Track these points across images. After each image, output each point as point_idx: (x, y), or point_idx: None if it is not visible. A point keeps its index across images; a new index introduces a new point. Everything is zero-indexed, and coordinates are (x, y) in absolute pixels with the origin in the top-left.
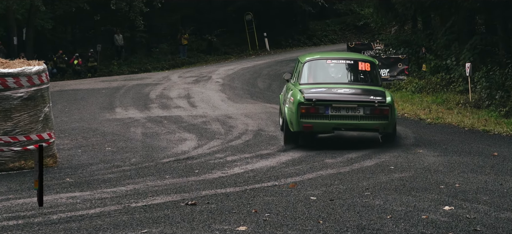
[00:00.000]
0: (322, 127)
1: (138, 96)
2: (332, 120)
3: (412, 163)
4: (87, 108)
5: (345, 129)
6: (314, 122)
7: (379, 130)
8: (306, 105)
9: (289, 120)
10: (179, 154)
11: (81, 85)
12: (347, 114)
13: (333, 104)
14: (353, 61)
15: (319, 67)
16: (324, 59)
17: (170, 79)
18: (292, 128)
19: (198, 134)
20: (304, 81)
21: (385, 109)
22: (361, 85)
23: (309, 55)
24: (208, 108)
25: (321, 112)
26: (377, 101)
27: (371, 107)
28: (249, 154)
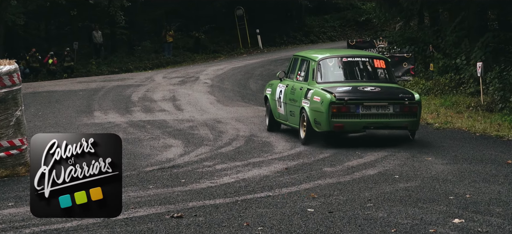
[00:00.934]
0: (353, 126)
1: (119, 99)
2: (363, 118)
3: (418, 172)
4: (62, 112)
5: (375, 127)
6: (345, 121)
7: (408, 127)
8: (337, 105)
9: (313, 120)
10: (163, 161)
11: (56, 86)
12: (377, 112)
13: (364, 103)
14: (368, 58)
15: (335, 66)
16: (339, 57)
17: (154, 80)
18: (318, 128)
19: (185, 140)
20: (322, 80)
21: (414, 107)
22: (381, 83)
23: (316, 53)
24: (196, 112)
25: (352, 112)
26: (407, 99)
27: (400, 105)
28: (240, 161)
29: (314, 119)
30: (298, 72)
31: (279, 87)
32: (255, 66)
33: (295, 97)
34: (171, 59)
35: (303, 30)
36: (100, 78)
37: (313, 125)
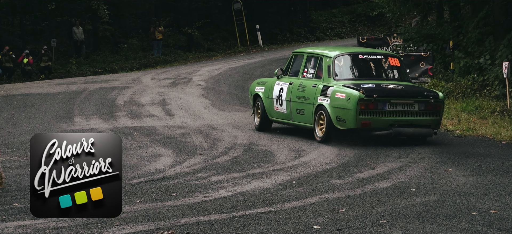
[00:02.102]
0: (380, 124)
1: (102, 103)
2: (389, 116)
3: (437, 184)
4: (39, 118)
5: (399, 125)
6: (372, 119)
7: (431, 126)
8: (366, 101)
9: (335, 117)
10: (152, 173)
11: (32, 89)
12: (403, 110)
13: (392, 100)
14: (383, 56)
15: (351, 63)
16: (355, 54)
17: (142, 82)
18: (342, 125)
19: (176, 149)
20: (339, 77)
21: (438, 105)
22: (399, 81)
23: (324, 49)
24: (188, 117)
25: (380, 109)
26: (432, 97)
27: (425, 103)
28: (238, 173)
29: (337, 116)
30: (305, 70)
31: (278, 85)
32: (254, 66)
33: (306, 95)
34: (161, 58)
35: (308, 26)
36: (81, 80)
37: (335, 122)
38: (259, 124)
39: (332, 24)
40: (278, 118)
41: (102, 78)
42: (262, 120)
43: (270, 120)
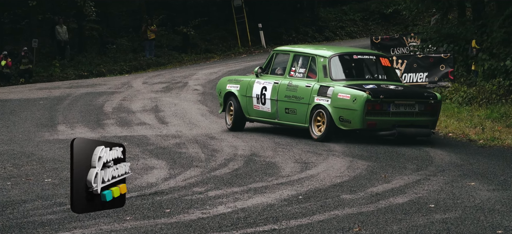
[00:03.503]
0: (384, 124)
1: (89, 109)
2: (393, 116)
3: (459, 200)
4: (19, 126)
5: (401, 125)
6: (378, 119)
7: (429, 126)
8: (373, 102)
9: (338, 117)
10: (144, 187)
11: (11, 94)
12: (405, 111)
13: (396, 101)
14: (375, 57)
15: (348, 63)
16: (351, 54)
17: (132, 87)
18: (346, 125)
19: (170, 160)
20: (337, 77)
21: (436, 106)
22: (395, 82)
23: (315, 49)
24: (183, 125)
25: (384, 109)
26: (431, 98)
27: (425, 104)
28: (238, 187)
29: (340, 116)
30: (292, 69)
31: (259, 84)
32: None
33: (299, 94)
34: (153, 60)
35: (316, 24)
36: (65, 84)
37: (338, 123)
38: (232, 123)
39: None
40: (258, 117)
41: (88, 83)
42: (236, 119)
43: (246, 119)
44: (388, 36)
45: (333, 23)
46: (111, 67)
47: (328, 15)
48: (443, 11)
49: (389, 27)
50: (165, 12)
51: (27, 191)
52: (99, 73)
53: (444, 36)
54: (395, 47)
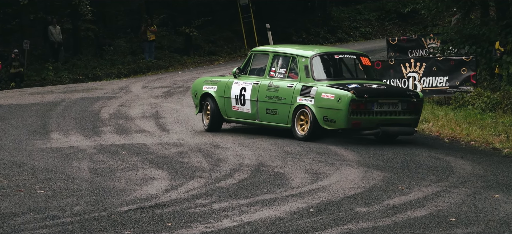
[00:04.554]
0: (369, 123)
1: (84, 116)
2: (377, 116)
3: (482, 213)
4: (9, 133)
5: (384, 124)
6: (362, 118)
7: (412, 124)
8: (357, 102)
9: (322, 117)
10: (143, 199)
11: (1, 99)
12: (388, 109)
13: (379, 100)
14: (355, 56)
15: (329, 63)
16: (331, 54)
17: (131, 91)
18: (331, 125)
19: (172, 171)
20: (319, 76)
21: (419, 104)
22: (376, 80)
23: (295, 48)
24: (186, 133)
25: (369, 109)
26: (414, 96)
27: (408, 102)
28: (245, 199)
29: (324, 116)
30: (271, 69)
31: (238, 85)
32: None
33: (281, 95)
34: (153, 63)
35: (328, 25)
36: (59, 89)
37: (322, 123)
38: (209, 125)
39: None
40: (237, 118)
41: (83, 87)
42: (213, 120)
43: (223, 120)
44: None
45: (347, 23)
46: (108, 71)
47: (341, 15)
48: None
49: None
50: (166, 12)
51: (18, 203)
52: (95, 77)
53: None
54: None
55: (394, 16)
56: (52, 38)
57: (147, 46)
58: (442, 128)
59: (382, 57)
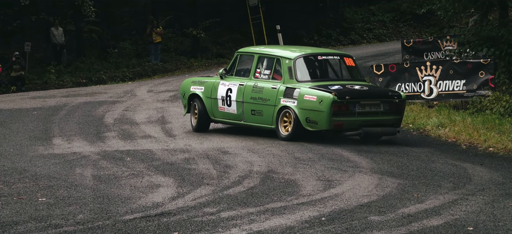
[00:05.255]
0: (351, 124)
1: (88, 121)
2: (359, 117)
3: (500, 222)
4: (10, 139)
5: (367, 125)
6: (344, 120)
7: (394, 125)
8: (339, 103)
9: (305, 119)
10: (149, 207)
11: (2, 103)
12: (371, 110)
13: (361, 101)
14: (339, 57)
15: (312, 64)
16: (315, 55)
17: (136, 95)
18: (313, 126)
19: (178, 178)
20: (301, 78)
21: (401, 105)
22: (359, 81)
23: (280, 49)
24: (193, 138)
25: (350, 110)
26: (396, 97)
27: (390, 103)
28: (254, 207)
29: (307, 117)
30: (256, 70)
31: (224, 86)
32: None
33: (265, 96)
34: (160, 66)
35: (341, 26)
36: (62, 93)
37: (305, 124)
38: (197, 125)
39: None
40: (223, 118)
41: (87, 91)
42: (200, 121)
43: (211, 120)
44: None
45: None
46: (112, 74)
47: (354, 16)
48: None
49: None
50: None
51: (19, 211)
52: (99, 81)
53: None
54: (429, 52)
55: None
56: (54, 40)
57: (152, 49)
58: (459, 134)
59: (397, 60)
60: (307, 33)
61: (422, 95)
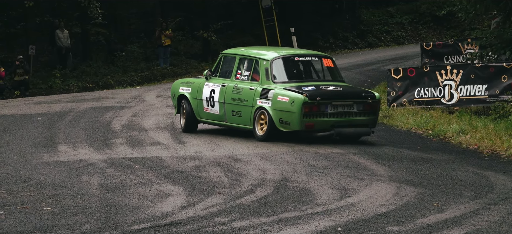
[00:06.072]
0: (322, 125)
1: (94, 127)
2: (331, 117)
3: None
4: (14, 146)
5: (340, 125)
6: (315, 120)
7: (369, 125)
8: (310, 104)
9: (278, 119)
10: (158, 217)
11: (5, 109)
12: (343, 111)
13: (333, 102)
14: (317, 58)
15: (289, 65)
16: (292, 56)
17: (144, 100)
18: (286, 127)
19: (188, 186)
20: (278, 80)
21: (375, 105)
22: (336, 82)
23: (259, 50)
24: (203, 145)
25: (322, 111)
26: (369, 98)
27: (363, 103)
28: (267, 217)
29: (280, 118)
30: (238, 71)
31: (208, 87)
32: None
33: (244, 97)
34: (169, 70)
35: (358, 29)
36: (67, 98)
37: (278, 125)
38: (185, 125)
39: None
40: (208, 119)
41: (93, 96)
42: (188, 121)
43: (198, 121)
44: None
45: (377, 27)
46: (120, 78)
47: (371, 18)
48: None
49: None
50: (182, 15)
51: (23, 221)
52: (106, 85)
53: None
54: (449, 55)
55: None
56: (59, 43)
57: (162, 52)
58: (480, 140)
59: (416, 64)
60: (323, 36)
61: (442, 100)
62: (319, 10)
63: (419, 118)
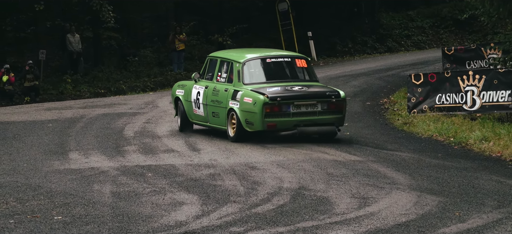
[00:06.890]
0: (285, 125)
1: (106, 134)
2: (294, 117)
3: None
4: (24, 153)
5: (304, 125)
6: (277, 120)
7: (335, 124)
8: (270, 105)
9: (244, 120)
10: (172, 226)
11: (15, 115)
12: (307, 110)
13: (295, 102)
14: (290, 58)
15: (259, 67)
16: (263, 58)
17: (158, 106)
18: (251, 127)
19: (203, 195)
20: (248, 81)
21: (340, 104)
22: (306, 82)
23: (237, 53)
24: (218, 152)
25: (284, 111)
26: (333, 97)
27: (328, 103)
28: (284, 226)
29: (246, 119)
30: (218, 74)
31: (196, 89)
32: None
33: (220, 98)
34: (183, 75)
35: (378, 33)
36: (78, 104)
37: (245, 125)
38: (180, 126)
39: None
40: (197, 120)
41: (105, 102)
42: (182, 122)
43: (190, 122)
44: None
45: (397, 31)
46: (132, 84)
47: (391, 22)
48: None
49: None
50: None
51: (33, 230)
52: (119, 91)
53: None
54: (471, 60)
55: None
56: (70, 48)
57: (175, 57)
58: (504, 148)
59: (437, 69)
60: (341, 40)
61: (464, 106)
62: (337, 14)
63: (441, 124)
